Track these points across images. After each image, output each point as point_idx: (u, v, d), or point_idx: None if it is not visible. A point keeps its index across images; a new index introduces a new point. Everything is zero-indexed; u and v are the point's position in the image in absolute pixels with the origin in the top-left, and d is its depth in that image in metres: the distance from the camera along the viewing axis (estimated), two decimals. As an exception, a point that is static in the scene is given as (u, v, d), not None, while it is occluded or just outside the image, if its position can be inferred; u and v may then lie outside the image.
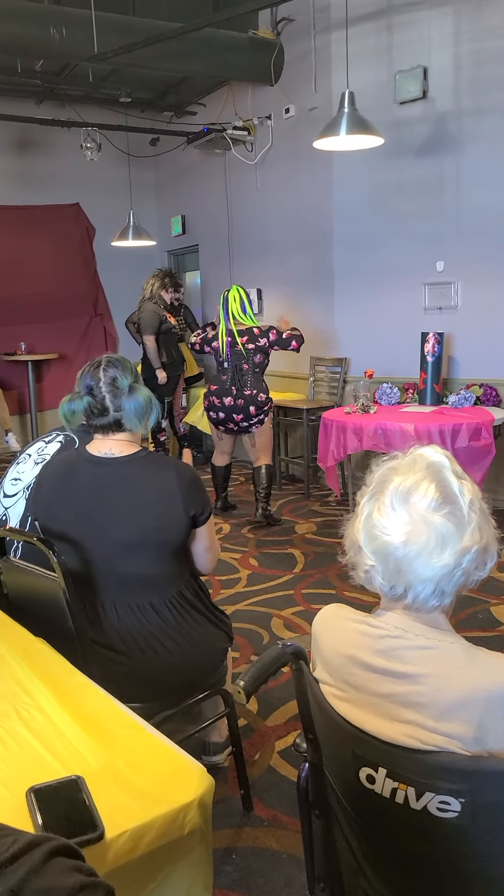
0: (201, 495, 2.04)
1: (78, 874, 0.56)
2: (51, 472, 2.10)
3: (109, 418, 1.99)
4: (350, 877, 1.26)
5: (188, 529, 2.01)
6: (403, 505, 1.07)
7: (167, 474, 1.99)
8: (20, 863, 0.53)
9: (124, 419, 1.99)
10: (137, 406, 1.99)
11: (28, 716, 1.40)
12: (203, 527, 2.06)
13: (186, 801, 1.16)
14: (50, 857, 0.55)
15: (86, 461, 2.03)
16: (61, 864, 0.56)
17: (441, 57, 5.02)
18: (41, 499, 2.08)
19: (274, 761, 2.49)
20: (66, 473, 2.05)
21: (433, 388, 5.08)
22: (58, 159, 7.69)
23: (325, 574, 4.16)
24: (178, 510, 1.96)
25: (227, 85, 6.80)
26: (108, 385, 1.98)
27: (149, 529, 1.95)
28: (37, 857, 0.54)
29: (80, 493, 2.00)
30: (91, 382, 1.99)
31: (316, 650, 1.25)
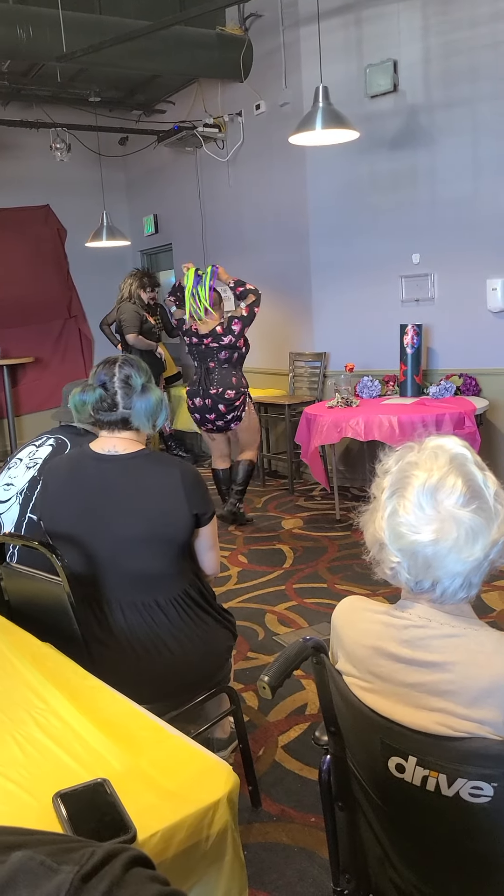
0: (204, 495, 2.06)
1: (156, 884, 0.55)
2: (56, 470, 2.09)
3: (117, 415, 2.00)
4: (377, 867, 1.26)
5: (192, 527, 2.02)
6: (431, 502, 1.07)
7: (171, 472, 2.00)
8: (101, 875, 0.53)
9: (133, 417, 2.00)
10: (148, 406, 2.00)
11: (45, 721, 1.39)
12: (206, 526, 2.08)
13: (214, 798, 1.16)
14: (129, 867, 0.55)
15: (90, 458, 2.03)
16: (140, 875, 0.55)
17: (410, 50, 5.05)
18: (47, 498, 2.08)
19: (279, 756, 2.49)
20: (71, 472, 2.06)
21: (414, 380, 5.11)
22: (26, 161, 7.59)
23: (314, 568, 4.17)
24: (182, 508, 1.97)
25: (197, 82, 6.77)
26: (122, 382, 2.00)
27: (154, 525, 1.95)
28: (117, 869, 0.54)
29: (86, 490, 2.00)
30: (105, 378, 2.01)
31: (337, 643, 1.25)
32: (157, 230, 8.12)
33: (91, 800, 1.13)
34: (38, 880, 0.51)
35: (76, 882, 0.51)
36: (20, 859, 0.53)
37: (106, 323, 7.01)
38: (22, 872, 0.51)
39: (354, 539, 4.53)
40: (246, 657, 3.18)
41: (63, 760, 1.27)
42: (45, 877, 0.51)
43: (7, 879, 0.51)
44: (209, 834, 1.14)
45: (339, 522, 4.90)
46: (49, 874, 0.52)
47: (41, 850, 0.55)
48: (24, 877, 0.51)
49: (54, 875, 0.51)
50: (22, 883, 0.51)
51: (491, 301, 4.85)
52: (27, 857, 0.53)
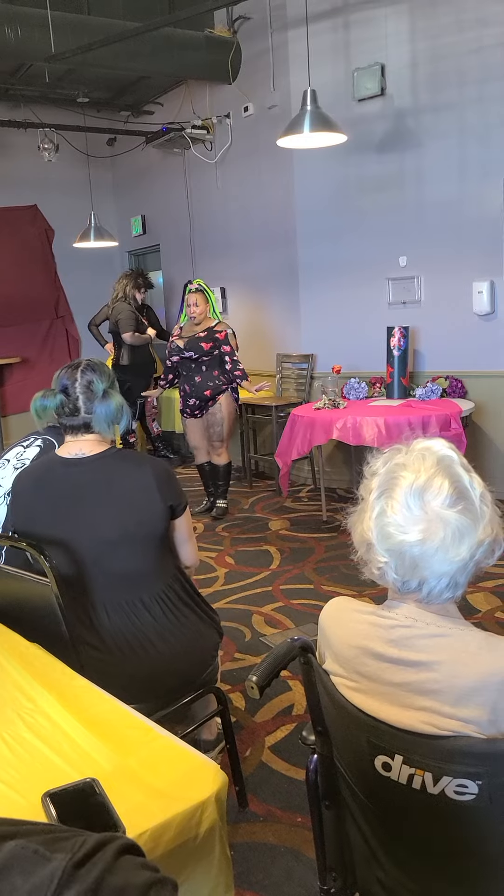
0: (176, 487, 2.08)
1: (146, 871, 0.56)
2: (24, 480, 2.09)
3: (79, 420, 2.01)
4: (363, 865, 1.28)
5: (168, 520, 2.04)
6: (418, 503, 1.09)
7: (141, 468, 2.01)
8: (93, 862, 0.54)
9: (94, 423, 2.01)
10: (109, 411, 2.01)
11: (33, 721, 1.39)
12: (181, 518, 2.10)
13: (203, 797, 1.17)
14: (120, 854, 0.56)
15: (57, 465, 2.04)
16: (131, 862, 0.56)
17: (398, 54, 5.08)
18: (19, 508, 2.08)
19: (265, 757, 2.50)
20: (39, 480, 2.06)
21: (400, 382, 5.14)
22: (13, 160, 7.57)
23: (301, 569, 4.18)
24: (157, 502, 1.99)
25: (185, 84, 6.78)
26: (84, 387, 2.00)
27: (130, 523, 1.96)
28: (109, 856, 0.55)
29: (57, 497, 2.00)
30: (67, 382, 2.02)
31: (325, 643, 1.26)
32: (144, 231, 8.11)
33: (80, 799, 1.14)
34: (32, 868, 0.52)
35: (69, 869, 0.52)
36: (13, 848, 0.53)
37: (94, 324, 6.99)
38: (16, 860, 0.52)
39: (341, 540, 4.55)
40: (233, 658, 3.18)
41: (52, 760, 1.27)
42: (38, 864, 0.52)
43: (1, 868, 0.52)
44: (197, 833, 1.15)
45: (325, 524, 4.92)
46: (42, 862, 0.52)
47: (34, 839, 0.56)
48: (18, 865, 0.52)
49: (47, 863, 0.52)
50: (16, 871, 0.52)
51: (477, 304, 4.89)
52: (20, 845, 0.54)
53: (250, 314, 6.55)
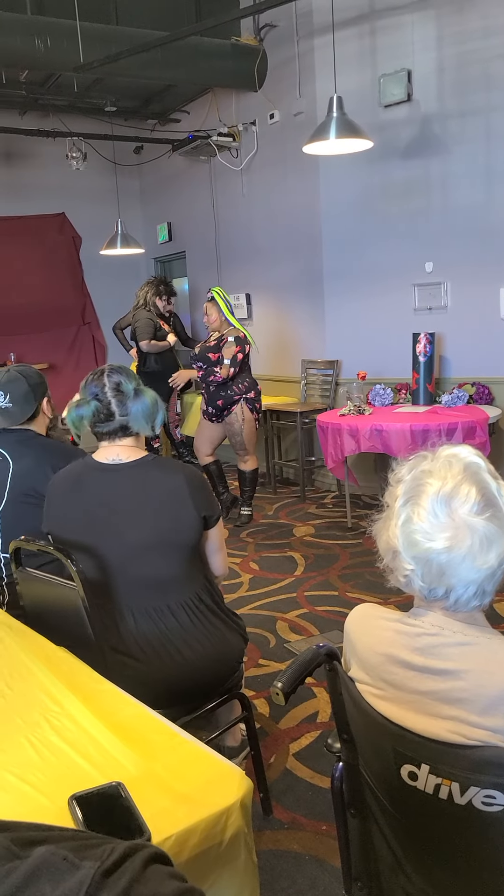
0: (210, 497, 2.08)
1: (175, 880, 0.56)
2: (59, 483, 2.10)
3: (115, 423, 2.01)
4: (389, 875, 1.27)
5: (200, 531, 2.03)
6: (445, 510, 1.08)
7: (176, 477, 2.01)
8: (122, 871, 0.54)
9: (131, 422, 2.01)
10: (145, 408, 2.01)
11: (59, 724, 1.40)
12: (214, 528, 2.09)
13: (228, 803, 1.17)
14: (148, 863, 0.56)
15: (93, 469, 2.04)
16: (159, 871, 0.56)
17: (424, 60, 5.07)
18: (52, 512, 2.09)
19: (290, 764, 2.49)
20: (74, 484, 2.06)
21: (426, 388, 5.12)
22: (42, 169, 7.67)
23: (326, 576, 4.17)
24: (190, 512, 1.98)
25: (211, 92, 6.82)
26: (113, 390, 2.00)
27: (163, 530, 1.96)
28: (137, 865, 0.55)
29: (91, 502, 2.01)
30: (96, 389, 2.01)
31: (350, 650, 1.26)
32: (170, 238, 8.17)
33: (106, 803, 1.14)
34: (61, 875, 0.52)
35: (97, 877, 0.52)
36: (43, 854, 0.54)
37: (119, 327, 7.05)
38: (45, 867, 0.53)
39: (366, 547, 4.53)
40: (257, 664, 3.18)
41: (78, 763, 1.28)
42: (67, 872, 0.52)
43: (30, 874, 0.52)
44: (223, 839, 1.15)
45: (350, 530, 4.90)
46: (71, 869, 0.53)
47: (63, 845, 0.56)
48: (47, 871, 0.52)
49: (76, 870, 0.53)
50: (45, 877, 0.52)
51: (504, 310, 4.86)
52: (50, 852, 0.54)
53: (275, 320, 6.56)
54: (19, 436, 2.48)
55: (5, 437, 2.50)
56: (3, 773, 1.26)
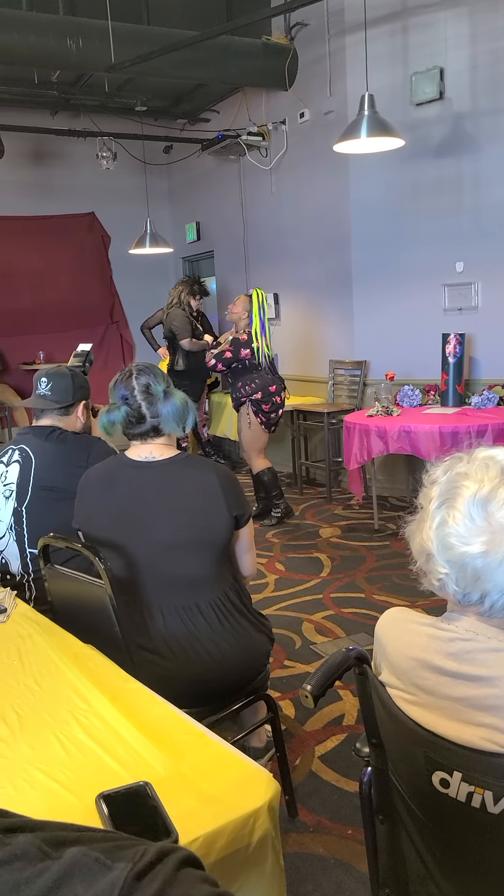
0: (242, 497, 2.07)
1: (207, 885, 0.55)
2: (92, 481, 2.10)
3: (147, 426, 2.00)
4: (418, 883, 1.25)
5: (231, 530, 2.02)
6: (482, 513, 1.06)
7: (208, 476, 2.00)
8: (154, 874, 0.53)
9: (162, 424, 2.00)
10: (175, 409, 2.00)
11: (87, 722, 1.40)
12: (244, 528, 2.08)
13: (256, 806, 1.16)
14: (180, 866, 0.55)
15: (126, 466, 2.04)
16: (192, 875, 0.55)
17: (457, 57, 5.02)
18: (83, 509, 2.09)
19: (315, 767, 2.47)
20: (107, 481, 2.07)
21: (455, 390, 5.06)
22: (73, 169, 7.74)
23: (352, 578, 4.14)
24: (222, 511, 1.97)
25: (241, 91, 6.82)
26: (143, 392, 1.99)
27: (194, 528, 1.96)
28: (170, 868, 0.54)
29: (123, 498, 2.01)
30: (125, 392, 2.00)
31: (381, 654, 1.24)
32: (199, 237, 8.18)
33: (133, 802, 1.14)
34: (94, 876, 0.52)
35: (130, 879, 0.51)
36: (74, 855, 0.53)
37: (147, 326, 7.07)
38: (77, 868, 0.52)
39: (393, 549, 4.49)
40: (283, 665, 3.17)
41: (105, 762, 1.28)
42: (99, 873, 0.52)
43: (63, 874, 0.51)
44: (250, 841, 1.14)
45: (377, 532, 4.87)
46: (104, 871, 0.52)
47: (94, 846, 0.55)
48: (79, 872, 0.52)
49: (108, 872, 0.52)
50: (77, 878, 0.51)
51: (536, 310, 4.79)
52: (82, 853, 0.53)
53: (303, 320, 6.54)
54: (44, 431, 2.51)
55: (32, 433, 2.53)
56: (31, 769, 1.26)
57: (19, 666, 1.64)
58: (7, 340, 7.77)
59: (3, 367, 7.79)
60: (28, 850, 0.53)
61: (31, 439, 2.50)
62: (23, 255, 7.75)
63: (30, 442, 2.49)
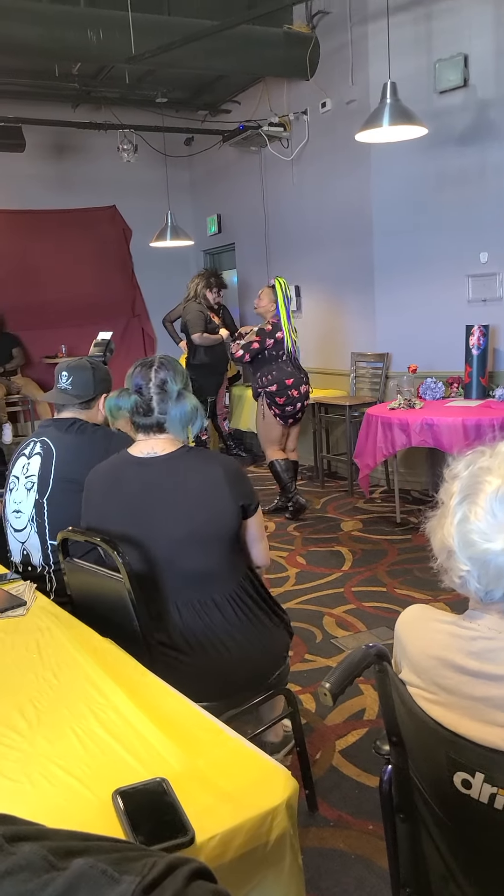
0: (248, 486, 2.06)
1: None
2: (98, 480, 2.10)
3: (153, 419, 2.00)
4: (439, 882, 1.23)
5: (239, 520, 2.01)
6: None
7: (212, 467, 1.99)
8: (163, 887, 0.51)
9: (168, 424, 2.00)
10: (183, 413, 1.99)
11: (105, 717, 1.39)
12: (252, 517, 2.07)
13: (274, 804, 1.14)
14: (191, 879, 0.53)
15: (130, 464, 2.03)
16: (202, 888, 0.53)
17: (482, 44, 4.93)
18: (91, 508, 2.09)
19: (336, 761, 2.46)
20: (110, 479, 2.06)
21: (479, 382, 4.99)
22: (94, 162, 7.74)
23: (374, 572, 4.11)
24: (228, 501, 1.96)
25: (262, 81, 6.77)
26: (157, 387, 1.98)
27: (202, 522, 1.95)
28: (179, 881, 0.52)
29: (129, 496, 2.00)
30: (141, 382, 2.00)
31: (401, 652, 1.22)
32: (220, 230, 8.15)
33: (150, 799, 1.13)
34: (100, 890, 0.50)
35: (138, 893, 0.50)
36: (81, 867, 0.52)
37: (169, 320, 7.07)
38: (84, 881, 0.51)
39: (415, 543, 4.45)
40: (303, 659, 3.15)
41: (122, 757, 1.27)
42: (107, 886, 0.50)
43: (69, 887, 0.50)
44: (268, 840, 1.13)
45: (399, 525, 4.83)
46: (111, 884, 0.51)
47: (102, 857, 0.54)
48: (85, 886, 0.50)
49: (116, 885, 0.51)
50: (83, 892, 0.50)
51: None
52: (89, 864, 0.52)
53: (325, 313, 6.49)
54: (65, 423, 2.51)
55: (53, 426, 2.54)
56: (48, 764, 1.26)
57: (38, 659, 1.64)
58: (30, 334, 7.81)
59: (26, 361, 7.83)
60: (33, 860, 0.52)
61: (52, 432, 2.51)
62: (45, 248, 7.77)
63: (51, 434, 2.51)
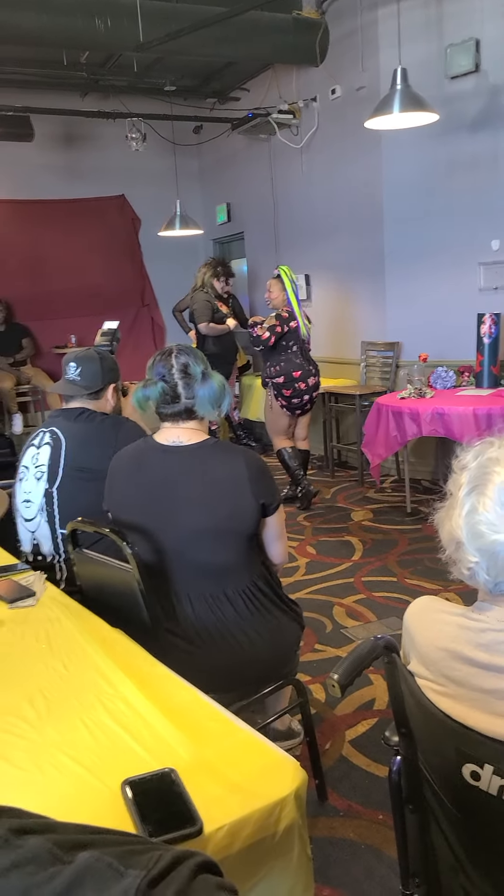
0: (270, 484, 2.03)
1: (223, 892, 0.54)
2: (121, 464, 2.10)
3: (181, 406, 1.98)
4: (448, 873, 1.23)
5: (258, 517, 1.99)
6: None
7: (236, 462, 1.98)
8: (168, 881, 0.51)
9: (197, 406, 1.98)
10: (212, 392, 1.97)
11: (114, 707, 1.40)
12: (273, 516, 2.05)
13: (282, 795, 1.14)
14: (196, 873, 0.53)
15: (155, 450, 2.02)
16: (208, 882, 0.53)
17: (494, 28, 4.86)
18: (113, 492, 2.09)
19: (346, 751, 2.46)
20: (136, 464, 2.05)
21: (490, 371, 4.95)
22: (102, 151, 7.71)
23: (384, 562, 4.11)
24: (249, 498, 1.95)
25: (271, 68, 6.72)
26: (181, 372, 1.97)
27: (221, 517, 1.94)
28: (184, 875, 0.52)
29: (151, 483, 2.00)
30: (163, 370, 1.98)
31: (410, 644, 1.22)
32: (229, 219, 8.12)
33: (159, 789, 1.14)
34: (106, 883, 0.50)
35: (143, 887, 0.50)
36: (87, 860, 0.52)
37: (178, 309, 7.05)
38: (89, 874, 0.51)
39: (425, 533, 4.44)
40: (313, 649, 3.15)
41: (131, 747, 1.27)
42: (112, 879, 0.50)
43: (74, 880, 0.50)
44: (276, 830, 1.13)
45: (409, 515, 4.82)
46: (116, 877, 0.51)
47: (108, 851, 0.54)
48: (91, 878, 0.50)
49: (121, 878, 0.51)
50: (89, 885, 0.50)
51: None
52: (94, 858, 0.52)
53: (335, 301, 6.46)
54: (73, 413, 2.52)
55: (62, 416, 2.55)
56: (58, 754, 1.27)
57: (48, 649, 1.65)
58: (39, 324, 7.81)
59: (36, 351, 7.84)
60: (39, 853, 0.52)
61: (61, 422, 2.52)
62: (54, 238, 7.76)
63: (60, 424, 2.52)
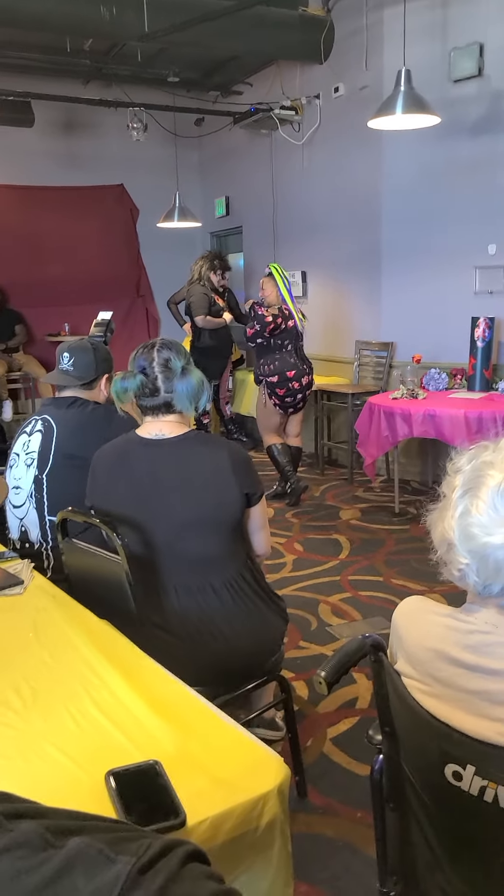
0: (252, 474, 2.05)
1: (212, 881, 0.54)
2: (103, 459, 2.10)
3: (160, 399, 1.99)
4: (426, 872, 1.24)
5: (243, 508, 2.01)
6: None
7: (219, 453, 1.99)
8: (157, 868, 0.52)
9: (175, 401, 1.99)
10: (190, 388, 1.98)
11: (99, 697, 1.40)
12: (256, 506, 2.07)
13: (265, 790, 1.15)
14: (185, 861, 0.54)
15: (137, 444, 2.03)
16: (196, 871, 0.54)
17: (498, 33, 4.87)
18: (97, 487, 2.09)
19: (326, 749, 2.48)
20: (118, 459, 2.05)
21: (483, 374, 4.98)
22: (103, 139, 7.68)
23: (371, 561, 4.12)
24: (232, 488, 1.96)
25: (275, 64, 6.70)
26: (161, 366, 1.98)
27: (205, 507, 1.95)
28: (174, 863, 0.53)
29: (135, 477, 2.00)
30: (144, 363, 2.00)
31: (397, 643, 1.22)
32: (228, 212, 8.10)
33: (143, 781, 1.14)
34: (96, 869, 0.51)
35: (133, 874, 0.51)
36: (78, 846, 0.52)
37: (173, 301, 7.03)
38: (79, 859, 0.51)
39: (413, 534, 4.46)
40: (298, 646, 3.16)
41: (116, 738, 1.28)
42: (102, 866, 0.51)
43: (65, 865, 0.51)
44: (258, 825, 1.14)
45: (397, 515, 4.83)
46: (106, 863, 0.51)
47: (98, 837, 0.54)
48: (81, 864, 0.51)
49: (112, 865, 0.51)
50: (79, 870, 0.50)
51: None
52: (85, 843, 0.52)
53: (330, 299, 6.47)
54: (66, 401, 2.53)
55: (53, 404, 2.55)
56: (42, 743, 1.27)
57: (34, 639, 1.65)
58: (33, 311, 7.78)
59: (29, 338, 7.81)
60: (31, 838, 0.52)
61: (53, 409, 2.53)
62: (51, 225, 7.72)
63: (51, 412, 2.52)
